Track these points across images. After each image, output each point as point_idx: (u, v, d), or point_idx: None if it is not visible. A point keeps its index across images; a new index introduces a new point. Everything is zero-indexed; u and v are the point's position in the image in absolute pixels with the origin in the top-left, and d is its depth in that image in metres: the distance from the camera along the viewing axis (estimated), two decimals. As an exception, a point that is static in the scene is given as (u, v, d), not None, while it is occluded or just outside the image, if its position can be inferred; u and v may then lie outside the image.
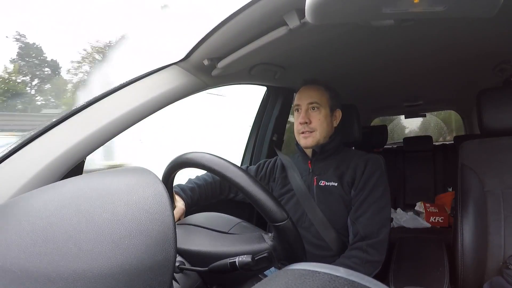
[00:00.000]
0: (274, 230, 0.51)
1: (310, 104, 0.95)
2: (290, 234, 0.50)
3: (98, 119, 0.63)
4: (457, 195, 0.99)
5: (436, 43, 0.95)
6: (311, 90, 0.97)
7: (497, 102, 0.96)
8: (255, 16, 0.60)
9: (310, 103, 0.95)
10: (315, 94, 0.96)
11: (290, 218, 0.49)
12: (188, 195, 0.90)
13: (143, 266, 0.27)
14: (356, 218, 0.87)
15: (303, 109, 0.95)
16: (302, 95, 0.97)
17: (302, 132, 0.95)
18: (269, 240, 0.53)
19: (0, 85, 8.34)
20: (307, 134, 0.94)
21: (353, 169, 0.92)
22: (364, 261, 0.81)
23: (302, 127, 0.95)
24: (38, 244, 0.25)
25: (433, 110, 2.86)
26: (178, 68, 0.78)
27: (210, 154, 0.52)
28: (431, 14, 0.48)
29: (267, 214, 0.49)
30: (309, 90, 0.97)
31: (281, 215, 0.49)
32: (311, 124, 0.94)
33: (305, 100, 0.95)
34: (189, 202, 0.89)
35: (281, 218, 0.49)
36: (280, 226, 0.49)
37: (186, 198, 0.89)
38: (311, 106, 0.95)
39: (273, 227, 0.50)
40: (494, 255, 0.89)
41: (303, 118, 0.94)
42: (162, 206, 0.31)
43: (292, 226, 0.50)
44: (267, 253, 0.51)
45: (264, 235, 0.55)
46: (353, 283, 0.25)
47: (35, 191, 0.32)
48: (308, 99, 0.95)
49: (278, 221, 0.49)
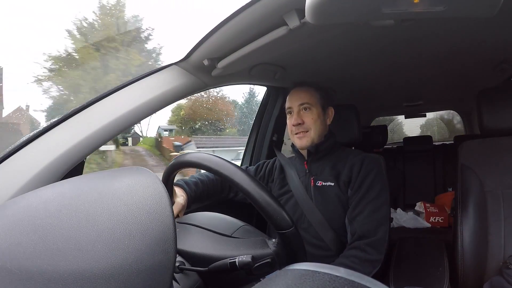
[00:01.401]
0: (279, 236, 0.51)
1: (301, 105, 0.96)
2: (294, 242, 0.50)
3: (98, 119, 0.63)
4: (457, 195, 0.99)
5: (436, 43, 0.95)
6: (301, 92, 0.98)
7: (497, 102, 0.96)
8: (255, 16, 0.60)
9: (301, 104, 0.96)
10: (305, 95, 0.97)
11: (295, 226, 0.50)
12: (192, 189, 0.91)
13: (143, 266, 0.27)
14: (353, 217, 0.87)
15: (295, 111, 0.97)
16: (293, 97, 0.99)
17: (296, 133, 0.96)
18: (273, 246, 0.53)
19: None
20: (301, 134, 0.95)
21: (350, 168, 0.92)
22: (363, 260, 0.81)
23: (296, 128, 0.96)
24: (38, 244, 0.25)
25: (433, 110, 2.85)
26: (178, 68, 0.78)
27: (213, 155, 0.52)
28: (431, 14, 0.48)
29: (274, 221, 0.49)
30: (299, 92, 0.98)
31: (287, 223, 0.49)
32: (305, 124, 0.95)
33: (296, 102, 0.97)
34: (192, 196, 0.90)
35: (287, 226, 0.49)
36: (285, 233, 0.49)
37: (189, 192, 0.89)
38: (303, 107, 0.96)
39: (278, 234, 0.50)
40: (494, 255, 0.89)
41: (296, 119, 0.95)
42: (162, 206, 0.31)
43: (296, 233, 0.50)
44: (269, 258, 0.51)
45: (268, 240, 0.55)
46: (353, 283, 0.25)
47: (35, 191, 0.31)
48: (299, 100, 0.96)
49: (284, 229, 0.49)
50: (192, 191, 0.91)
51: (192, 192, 0.90)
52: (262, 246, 0.54)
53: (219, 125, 13.60)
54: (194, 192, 0.91)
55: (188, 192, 0.89)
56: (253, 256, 0.49)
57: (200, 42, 0.72)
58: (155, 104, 0.71)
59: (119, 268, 0.26)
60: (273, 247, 0.53)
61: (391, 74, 1.33)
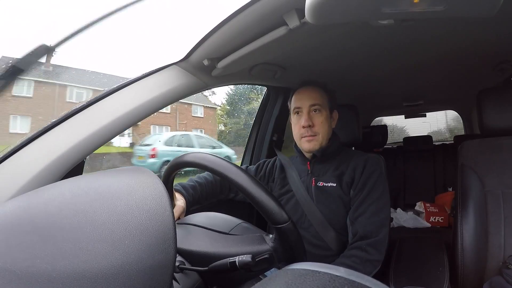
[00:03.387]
0: (276, 231, 0.51)
1: (312, 106, 0.92)
2: (291, 236, 0.50)
3: (98, 119, 0.63)
4: (457, 195, 0.99)
5: (436, 43, 0.95)
6: (312, 91, 0.94)
7: (497, 102, 0.96)
8: (255, 16, 0.60)
9: (312, 105, 0.92)
10: (316, 96, 0.93)
11: (291, 220, 0.50)
12: (189, 193, 0.90)
13: (143, 266, 0.27)
14: (355, 218, 0.87)
15: (304, 112, 0.92)
16: (303, 96, 0.94)
17: (304, 136, 0.92)
18: (270, 241, 0.53)
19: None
20: (310, 138, 0.92)
21: (352, 169, 0.92)
22: (364, 260, 0.81)
23: (305, 131, 0.91)
24: (38, 244, 0.25)
25: (433, 110, 2.85)
26: (178, 68, 0.78)
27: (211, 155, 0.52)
28: (431, 14, 0.48)
29: (269, 216, 0.49)
30: (310, 91, 0.94)
31: (282, 217, 0.49)
32: (314, 127, 0.91)
33: (307, 102, 0.92)
34: (190, 200, 0.89)
35: (283, 220, 0.49)
36: (282, 228, 0.49)
37: (187, 196, 0.88)
38: (313, 108, 0.92)
39: (275, 228, 0.50)
40: (494, 255, 0.89)
41: (307, 121, 0.90)
42: (162, 206, 0.31)
43: (293, 228, 0.50)
44: (268, 254, 0.51)
45: (265, 236, 0.55)
46: (353, 283, 0.25)
47: (35, 191, 0.31)
48: (310, 100, 0.92)
49: (279, 223, 0.49)
50: (190, 195, 0.90)
51: (190, 196, 0.90)
52: (260, 242, 0.54)
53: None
54: (191, 196, 0.90)
55: (186, 197, 0.88)
56: (253, 256, 0.49)
57: (200, 42, 0.72)
58: (155, 104, 0.71)
59: (119, 268, 0.26)
60: (270, 242, 0.53)
61: (391, 74, 1.33)
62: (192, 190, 0.92)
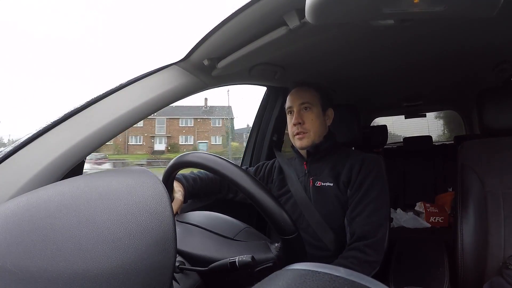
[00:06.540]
0: (282, 242, 0.51)
1: (302, 105, 0.96)
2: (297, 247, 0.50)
3: (98, 119, 0.63)
4: (457, 195, 0.99)
5: (436, 43, 0.95)
6: (301, 91, 0.98)
7: (497, 102, 0.96)
8: (255, 16, 0.60)
9: (301, 104, 0.96)
10: (305, 95, 0.97)
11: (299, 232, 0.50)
12: (189, 184, 0.92)
13: (143, 266, 0.27)
14: (353, 218, 0.87)
15: (295, 110, 0.96)
16: (293, 97, 0.99)
17: (296, 133, 0.96)
18: (275, 250, 0.53)
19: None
20: (302, 135, 0.95)
21: (349, 169, 0.92)
22: (362, 261, 0.81)
23: (296, 128, 0.95)
24: (38, 244, 0.25)
25: (433, 110, 2.85)
26: (178, 68, 0.78)
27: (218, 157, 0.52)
28: (431, 14, 0.48)
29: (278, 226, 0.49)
30: (300, 91, 0.99)
31: (291, 229, 0.49)
32: (305, 124, 0.95)
33: (296, 101, 0.97)
34: (189, 190, 0.90)
35: (291, 232, 0.49)
36: (289, 239, 0.49)
37: (187, 186, 0.90)
38: (303, 106, 0.96)
39: (282, 239, 0.50)
40: (494, 255, 0.89)
41: (296, 119, 0.95)
42: (162, 206, 0.31)
43: (300, 238, 0.50)
44: (271, 263, 0.51)
45: (270, 245, 0.55)
46: (353, 283, 0.25)
47: (35, 191, 0.31)
48: (299, 100, 0.96)
49: (287, 234, 0.49)
50: (190, 186, 0.92)
51: (190, 187, 0.92)
52: (264, 250, 0.54)
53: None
54: (192, 187, 0.92)
55: (186, 186, 0.90)
56: (253, 256, 0.49)
57: (200, 42, 0.72)
58: (155, 104, 0.71)
59: (119, 268, 0.26)
60: (275, 251, 0.53)
61: (391, 74, 1.33)
62: (193, 182, 0.94)
